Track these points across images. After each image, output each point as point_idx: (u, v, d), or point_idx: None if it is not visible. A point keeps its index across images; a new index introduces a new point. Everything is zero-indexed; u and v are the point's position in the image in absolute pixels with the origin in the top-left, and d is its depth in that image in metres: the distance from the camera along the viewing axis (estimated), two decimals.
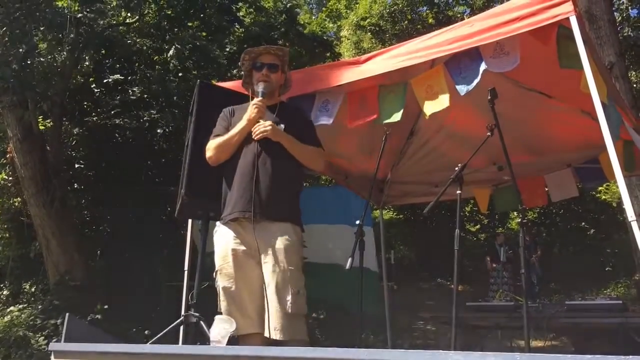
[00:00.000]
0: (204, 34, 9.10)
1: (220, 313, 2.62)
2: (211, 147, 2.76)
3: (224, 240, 2.65)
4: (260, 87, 2.76)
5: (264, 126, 2.64)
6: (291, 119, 2.80)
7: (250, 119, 2.67)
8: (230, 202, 2.67)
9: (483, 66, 2.92)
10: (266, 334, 2.47)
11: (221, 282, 2.62)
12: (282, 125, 2.72)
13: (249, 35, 10.46)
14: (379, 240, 5.83)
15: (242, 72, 2.97)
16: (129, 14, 8.97)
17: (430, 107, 3.15)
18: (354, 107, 3.50)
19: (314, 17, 20.62)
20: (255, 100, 2.71)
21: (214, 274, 2.67)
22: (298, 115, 2.97)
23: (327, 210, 5.87)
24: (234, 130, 2.72)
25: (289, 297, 2.45)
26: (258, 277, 2.57)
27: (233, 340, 2.52)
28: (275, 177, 2.62)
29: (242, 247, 2.61)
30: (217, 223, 2.75)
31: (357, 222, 3.32)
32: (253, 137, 2.65)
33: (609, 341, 4.37)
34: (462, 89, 3.02)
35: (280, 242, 2.53)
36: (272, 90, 2.84)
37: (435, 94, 3.11)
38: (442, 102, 3.09)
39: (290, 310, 2.44)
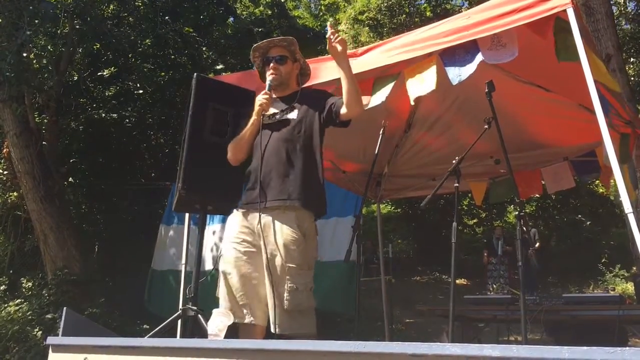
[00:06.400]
0: (188, 29, 9.04)
1: (212, 307, 2.62)
2: (229, 149, 2.81)
3: (233, 227, 2.69)
4: (267, 80, 2.78)
5: (258, 99, 2.69)
6: (309, 102, 2.77)
7: (256, 112, 2.69)
8: (244, 191, 2.73)
9: (480, 57, 2.89)
10: (272, 329, 2.46)
11: (222, 266, 2.64)
12: (296, 111, 2.71)
13: (240, 28, 10.42)
14: (377, 234, 5.84)
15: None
16: (122, 8, 8.94)
17: (416, 91, 3.11)
18: None
19: (312, 6, 20.58)
20: (260, 94, 2.72)
21: (218, 257, 2.70)
22: (316, 95, 2.91)
23: None
24: (245, 128, 2.75)
25: (285, 294, 2.44)
26: (260, 267, 2.56)
27: (231, 327, 2.52)
28: (285, 164, 2.61)
29: (248, 237, 2.62)
30: (234, 210, 2.80)
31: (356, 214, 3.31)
32: (254, 112, 2.69)
33: (606, 333, 4.39)
34: (455, 78, 2.99)
35: (280, 236, 2.51)
36: (283, 82, 2.82)
37: (423, 79, 3.08)
38: (428, 86, 3.04)
39: (286, 307, 2.43)
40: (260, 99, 2.70)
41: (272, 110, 2.73)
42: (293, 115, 2.71)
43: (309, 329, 2.49)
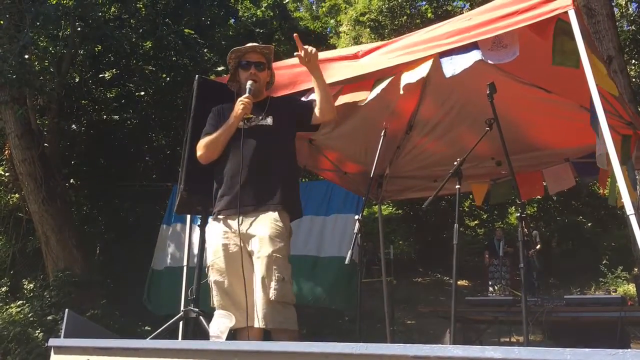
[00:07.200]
0: (189, 31, 9.04)
1: (214, 308, 2.63)
2: (201, 146, 2.82)
3: (215, 236, 2.69)
4: (248, 84, 2.81)
5: (241, 102, 2.71)
6: (281, 109, 2.86)
7: (237, 116, 2.72)
8: (220, 197, 2.73)
9: (479, 55, 2.87)
10: (255, 324, 2.48)
11: (213, 276, 2.66)
12: (271, 118, 2.78)
13: (241, 30, 10.43)
14: (378, 235, 5.83)
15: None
16: (123, 10, 8.94)
17: (406, 79, 3.07)
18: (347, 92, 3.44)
19: (314, 7, 20.59)
20: (242, 97, 2.75)
21: (207, 269, 2.71)
22: (286, 101, 3.04)
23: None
24: (221, 128, 2.77)
25: (272, 284, 2.45)
26: (250, 270, 2.58)
27: (229, 334, 2.53)
28: (264, 169, 2.66)
29: (232, 241, 2.63)
30: (209, 219, 2.81)
31: (357, 216, 3.29)
32: (234, 114, 2.72)
33: (608, 335, 4.38)
34: (448, 72, 2.96)
35: (266, 230, 2.55)
36: (259, 88, 2.89)
37: (416, 71, 3.05)
38: (419, 73, 2.99)
39: (273, 298, 2.44)
40: (243, 101, 2.72)
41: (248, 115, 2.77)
42: (269, 122, 2.78)
43: (292, 324, 2.51)
